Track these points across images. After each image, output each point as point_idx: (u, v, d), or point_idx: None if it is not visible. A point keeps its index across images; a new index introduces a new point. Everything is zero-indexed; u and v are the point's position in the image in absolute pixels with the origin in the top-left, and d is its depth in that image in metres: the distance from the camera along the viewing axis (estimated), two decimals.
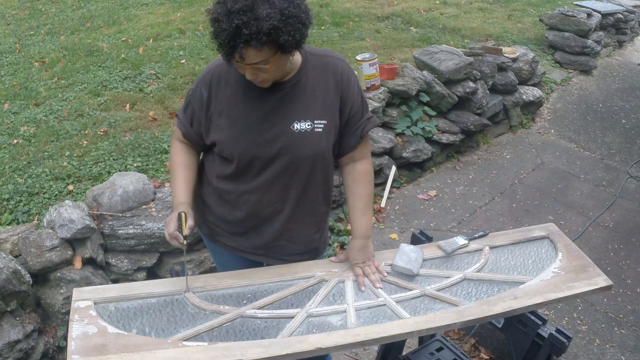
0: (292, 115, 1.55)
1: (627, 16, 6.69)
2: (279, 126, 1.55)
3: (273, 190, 1.63)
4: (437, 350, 2.08)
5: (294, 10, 1.36)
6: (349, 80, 1.60)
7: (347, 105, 1.61)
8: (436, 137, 4.13)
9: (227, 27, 1.33)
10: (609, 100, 5.49)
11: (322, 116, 1.57)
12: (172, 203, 1.70)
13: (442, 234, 3.48)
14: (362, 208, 1.71)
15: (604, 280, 1.67)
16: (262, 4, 1.33)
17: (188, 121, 1.66)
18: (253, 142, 1.56)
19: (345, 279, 1.65)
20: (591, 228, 3.65)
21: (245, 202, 1.66)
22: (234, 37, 1.33)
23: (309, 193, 1.67)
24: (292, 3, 1.37)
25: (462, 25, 5.81)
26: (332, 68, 1.59)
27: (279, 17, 1.33)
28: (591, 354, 2.73)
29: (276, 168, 1.59)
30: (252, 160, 1.58)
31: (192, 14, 5.80)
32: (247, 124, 1.56)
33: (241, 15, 1.31)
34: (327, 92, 1.58)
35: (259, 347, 1.37)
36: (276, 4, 1.34)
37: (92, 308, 1.46)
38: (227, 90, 1.57)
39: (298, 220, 1.70)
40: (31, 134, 3.49)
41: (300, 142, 1.56)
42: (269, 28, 1.32)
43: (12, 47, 5.06)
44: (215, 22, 1.37)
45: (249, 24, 1.31)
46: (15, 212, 2.77)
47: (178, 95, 4.03)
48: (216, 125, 1.59)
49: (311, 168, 1.62)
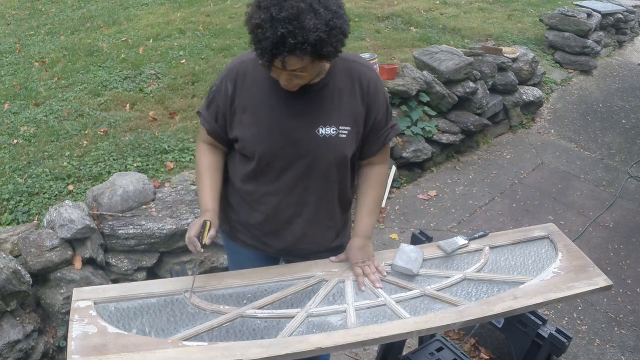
0: (317, 120, 1.55)
1: (627, 16, 6.69)
2: (303, 129, 1.55)
3: (293, 193, 1.63)
4: (437, 350, 2.08)
5: (338, 22, 1.35)
6: (375, 90, 1.60)
7: (372, 115, 1.61)
8: (436, 137, 4.13)
9: (272, 34, 1.30)
10: (609, 100, 5.49)
11: (347, 122, 1.57)
12: (200, 208, 1.68)
13: (442, 234, 3.48)
14: (369, 208, 1.71)
15: (604, 280, 1.67)
16: (307, 14, 1.31)
17: (212, 117, 1.64)
18: (276, 142, 1.56)
19: (345, 279, 1.65)
20: (591, 228, 3.65)
21: (265, 204, 1.66)
22: (277, 46, 1.31)
23: (328, 197, 1.68)
24: (337, 14, 1.36)
25: (462, 25, 5.81)
26: (359, 76, 1.58)
27: (324, 28, 1.32)
28: (591, 354, 2.73)
29: (297, 170, 1.59)
30: (273, 160, 1.58)
31: (192, 14, 5.80)
32: (271, 124, 1.55)
33: (287, 24, 1.29)
34: (353, 99, 1.57)
35: (259, 347, 1.37)
36: (322, 14, 1.32)
37: (92, 308, 1.46)
38: (252, 88, 1.56)
39: (317, 224, 1.70)
40: (31, 134, 3.49)
41: (324, 147, 1.56)
42: (315, 39, 1.31)
43: (12, 47, 5.06)
44: (257, 28, 1.33)
45: (295, 33, 1.30)
46: (15, 212, 2.77)
47: (178, 95, 4.03)
48: (239, 121, 1.59)
49: (332, 172, 1.62)
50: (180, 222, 2.70)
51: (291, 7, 1.30)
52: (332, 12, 1.34)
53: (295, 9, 1.30)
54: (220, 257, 2.88)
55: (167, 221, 2.69)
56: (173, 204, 2.79)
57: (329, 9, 1.34)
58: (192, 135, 3.46)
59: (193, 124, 3.62)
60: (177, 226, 2.69)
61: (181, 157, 3.25)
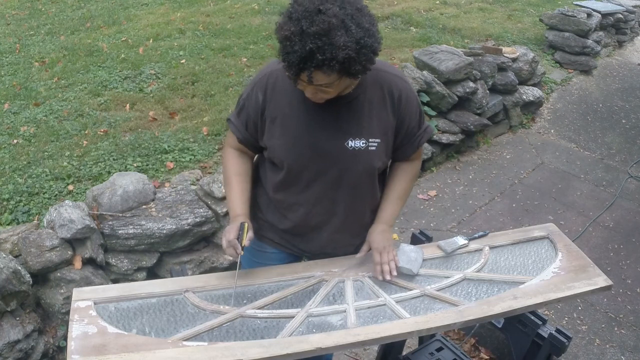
0: (347, 132, 1.53)
1: (627, 16, 6.69)
2: (332, 142, 1.54)
3: (322, 203, 1.64)
4: (437, 350, 2.08)
5: (369, 41, 1.32)
6: (407, 101, 1.57)
7: (404, 125, 1.60)
8: (436, 137, 4.12)
9: (300, 49, 1.28)
10: (609, 100, 5.49)
11: (377, 135, 1.56)
12: (230, 214, 1.69)
13: (442, 234, 3.48)
14: (394, 198, 1.72)
15: (603, 280, 1.67)
16: (338, 30, 1.27)
17: (243, 125, 1.63)
18: (305, 154, 1.55)
19: (345, 279, 1.65)
20: (591, 228, 3.65)
21: (294, 212, 1.67)
22: (305, 60, 1.29)
23: (357, 207, 1.69)
24: (368, 32, 1.32)
25: (462, 25, 5.81)
26: (389, 87, 1.55)
27: (354, 46, 1.29)
28: (591, 354, 2.73)
29: (326, 182, 1.59)
30: (301, 170, 1.58)
31: (192, 14, 5.80)
32: (300, 136, 1.54)
33: (316, 40, 1.27)
34: (383, 111, 1.55)
35: (259, 347, 1.37)
36: (353, 31, 1.29)
37: (92, 308, 1.46)
38: (282, 98, 1.54)
39: (345, 231, 1.72)
40: (31, 134, 3.49)
41: (353, 159, 1.55)
42: (344, 57, 1.28)
43: (12, 47, 5.06)
44: (286, 40, 1.31)
45: (323, 49, 1.27)
46: (15, 212, 2.77)
47: (178, 95, 4.03)
48: (269, 130, 1.58)
49: (361, 183, 1.63)
50: (180, 222, 2.70)
51: (322, 22, 1.27)
52: (364, 29, 1.31)
53: (327, 24, 1.27)
54: (220, 257, 2.88)
55: (167, 221, 2.69)
56: (173, 204, 2.80)
57: (361, 26, 1.31)
58: (192, 135, 3.46)
59: (193, 124, 3.62)
60: (177, 226, 2.69)
61: (181, 157, 3.25)
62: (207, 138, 3.45)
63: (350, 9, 1.31)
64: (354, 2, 1.34)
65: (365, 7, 1.37)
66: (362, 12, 1.34)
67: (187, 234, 2.74)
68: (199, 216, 2.75)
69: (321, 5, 1.29)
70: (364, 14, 1.34)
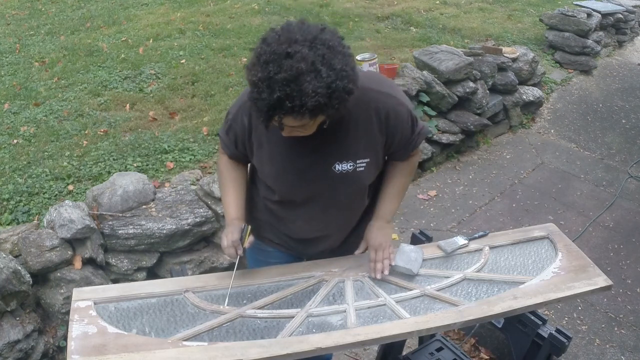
0: (333, 156, 1.50)
1: (627, 16, 6.68)
2: (319, 166, 1.52)
3: (317, 220, 1.64)
4: (437, 350, 2.08)
5: (340, 84, 1.25)
6: (396, 118, 1.51)
7: (395, 139, 1.56)
8: (436, 137, 4.12)
9: (268, 96, 1.22)
10: (609, 100, 5.49)
11: (365, 155, 1.52)
12: (225, 219, 1.69)
13: (442, 234, 3.47)
14: (392, 193, 1.70)
15: (603, 280, 1.67)
16: (307, 75, 1.21)
17: (232, 143, 1.62)
18: (293, 181, 1.55)
19: (345, 278, 1.65)
20: (591, 228, 3.65)
21: (291, 224, 1.68)
22: (274, 108, 1.24)
23: (353, 219, 1.70)
24: (340, 73, 1.25)
25: (462, 25, 5.81)
26: (376, 106, 1.48)
27: (325, 91, 1.22)
28: (591, 354, 2.73)
29: (318, 203, 1.59)
30: (292, 195, 1.59)
31: (192, 14, 5.80)
32: (288, 162, 1.53)
33: (284, 87, 1.20)
34: (370, 130, 1.50)
35: (259, 347, 1.37)
36: (323, 76, 1.22)
37: (92, 308, 1.46)
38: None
39: (345, 241, 1.74)
40: (31, 134, 3.49)
41: (342, 182, 1.54)
42: (314, 105, 1.22)
43: (12, 47, 5.06)
44: (254, 86, 1.25)
45: (292, 96, 1.21)
46: (15, 212, 2.77)
47: (178, 95, 4.03)
48: (257, 154, 1.57)
49: (354, 201, 1.63)
50: (180, 222, 2.70)
51: (290, 68, 1.20)
52: (335, 71, 1.24)
53: (295, 70, 1.20)
54: (220, 257, 2.88)
55: (167, 221, 2.69)
56: (173, 204, 2.80)
57: (332, 67, 1.24)
58: (192, 135, 3.46)
59: (193, 124, 3.62)
60: (177, 226, 2.69)
61: (181, 157, 3.25)
62: (207, 138, 3.45)
63: (322, 48, 1.24)
64: (327, 39, 1.26)
65: (339, 43, 1.30)
66: (334, 51, 1.26)
67: (187, 234, 2.74)
68: (199, 216, 2.75)
69: (289, 48, 1.22)
70: (337, 53, 1.26)
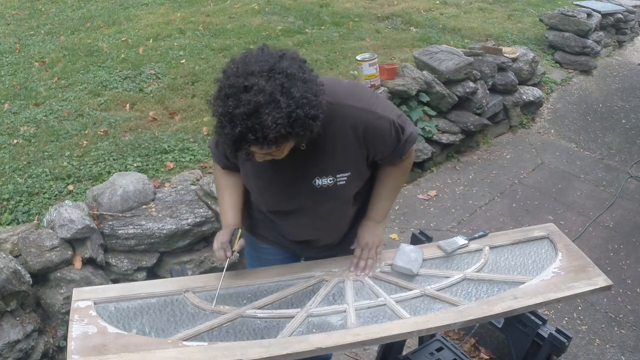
0: (313, 172, 1.51)
1: (627, 16, 6.68)
2: (300, 182, 1.53)
3: (305, 227, 1.67)
4: (437, 350, 2.08)
5: (301, 112, 1.24)
6: (375, 132, 1.49)
7: (379, 151, 1.55)
8: (436, 137, 4.12)
9: (230, 130, 1.23)
10: (609, 100, 5.49)
11: (345, 169, 1.52)
12: (222, 224, 1.70)
13: (442, 234, 3.47)
14: (383, 195, 1.71)
15: (603, 280, 1.67)
16: (266, 107, 1.21)
17: (222, 156, 1.64)
18: (277, 194, 1.57)
19: (345, 279, 1.65)
20: (591, 228, 3.65)
21: (283, 228, 1.71)
22: (238, 141, 1.25)
23: (343, 224, 1.72)
24: (300, 101, 1.24)
25: (462, 25, 5.81)
26: (351, 122, 1.46)
27: (286, 122, 1.22)
28: (591, 354, 2.73)
29: (304, 214, 1.61)
30: (279, 207, 1.62)
31: (192, 14, 5.80)
32: (271, 178, 1.54)
33: (245, 121, 1.21)
34: (348, 145, 1.49)
35: (259, 347, 1.37)
36: (282, 106, 1.22)
37: (92, 308, 1.46)
38: None
39: (342, 241, 1.76)
40: (31, 134, 3.49)
41: (324, 195, 1.55)
42: (275, 136, 1.23)
43: (12, 47, 5.06)
44: (217, 120, 1.27)
45: (254, 129, 1.22)
46: (15, 212, 2.77)
47: (178, 95, 4.03)
48: (243, 168, 1.59)
49: (338, 210, 1.65)
50: (180, 222, 2.70)
51: (248, 102, 1.20)
52: (295, 100, 1.23)
53: (253, 103, 1.20)
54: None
55: (167, 221, 2.69)
56: (173, 204, 2.79)
57: (292, 96, 1.23)
58: (192, 135, 3.46)
59: (193, 124, 3.62)
60: (177, 226, 2.69)
61: (181, 157, 3.25)
62: (207, 138, 3.45)
63: (280, 78, 1.23)
64: (285, 67, 1.25)
65: (299, 69, 1.28)
66: (293, 79, 1.25)
67: (187, 234, 2.74)
68: (199, 216, 2.75)
69: (246, 81, 1.22)
70: (296, 80, 1.25)
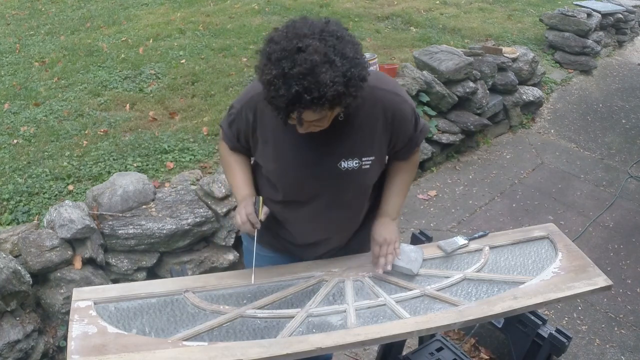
0: (339, 153, 1.50)
1: (627, 16, 6.68)
2: (325, 164, 1.51)
3: (319, 221, 1.63)
4: (437, 350, 2.08)
5: (355, 71, 1.25)
6: (401, 117, 1.52)
7: (400, 139, 1.57)
8: (436, 137, 4.12)
9: (285, 92, 1.22)
10: (609, 100, 5.49)
11: (370, 153, 1.52)
12: (236, 198, 1.66)
13: (442, 234, 3.47)
14: (395, 191, 1.70)
15: (603, 280, 1.67)
16: (322, 66, 1.21)
17: (235, 137, 1.62)
18: (298, 178, 1.54)
19: (345, 278, 1.64)
20: (591, 228, 3.65)
21: (293, 225, 1.67)
22: (292, 103, 1.23)
23: (356, 220, 1.70)
24: (354, 61, 1.26)
25: (462, 25, 5.81)
26: (382, 105, 1.48)
27: (342, 80, 1.23)
28: (591, 354, 2.73)
29: (322, 202, 1.58)
30: (297, 194, 1.58)
31: (192, 14, 5.80)
32: (293, 160, 1.52)
33: (301, 80, 1.20)
34: (375, 128, 1.50)
35: (259, 347, 1.37)
36: (338, 65, 1.23)
37: (92, 308, 1.46)
38: (272, 120, 1.46)
39: (346, 242, 1.73)
40: (31, 134, 3.49)
41: (347, 179, 1.53)
42: (333, 94, 1.22)
43: (12, 47, 5.06)
44: (269, 84, 1.24)
45: (310, 89, 1.21)
46: (15, 212, 2.77)
47: (178, 95, 4.03)
48: (262, 150, 1.56)
49: (356, 201, 1.63)
50: (180, 222, 2.70)
51: (304, 61, 1.20)
52: (349, 60, 1.25)
53: (309, 62, 1.20)
54: (220, 257, 2.88)
55: (167, 221, 2.69)
56: (173, 204, 2.80)
57: (345, 57, 1.25)
58: (192, 135, 3.46)
59: (193, 124, 3.62)
60: (177, 226, 2.69)
61: (181, 157, 3.25)
62: (207, 138, 3.45)
63: (331, 40, 1.24)
64: (334, 30, 1.27)
65: (347, 33, 1.30)
66: (344, 41, 1.27)
67: (187, 234, 2.74)
68: (199, 216, 2.75)
69: (300, 43, 1.22)
70: (347, 42, 1.27)
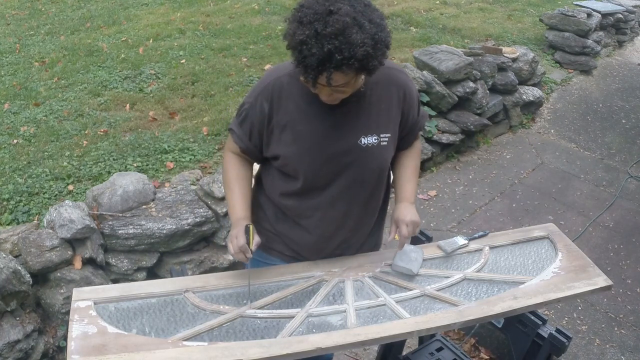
0: (359, 130, 1.54)
1: (627, 16, 6.69)
2: (345, 141, 1.54)
3: (336, 206, 1.62)
4: (437, 350, 2.08)
5: (382, 35, 1.34)
6: (411, 96, 1.62)
7: (409, 118, 1.65)
8: (436, 137, 4.12)
9: (318, 51, 1.28)
10: (609, 100, 5.49)
11: (387, 129, 1.58)
12: (231, 218, 1.67)
13: (442, 234, 3.47)
14: (408, 176, 1.73)
15: (603, 280, 1.67)
16: (353, 28, 1.29)
17: (246, 135, 1.61)
18: (319, 158, 1.54)
19: (345, 278, 1.64)
20: (591, 228, 3.65)
21: (308, 218, 1.64)
22: (324, 62, 1.29)
23: (371, 206, 1.70)
24: (380, 26, 1.34)
25: (462, 25, 5.81)
26: (396, 82, 1.58)
27: (371, 42, 1.30)
28: (591, 354, 2.73)
29: (341, 183, 1.58)
30: (317, 176, 1.57)
31: (192, 14, 5.80)
32: (313, 140, 1.53)
33: (333, 40, 1.27)
34: (391, 105, 1.58)
35: (259, 347, 1.37)
36: (367, 28, 1.31)
37: (92, 308, 1.46)
38: (289, 104, 1.52)
39: (359, 231, 1.72)
40: (31, 134, 3.50)
41: (367, 156, 1.56)
42: (363, 54, 1.30)
43: (12, 47, 5.06)
44: (302, 44, 1.30)
45: (341, 49, 1.28)
46: (15, 212, 2.77)
47: (178, 95, 4.03)
48: (278, 139, 1.56)
49: (375, 181, 1.63)
50: (180, 222, 2.70)
51: (336, 22, 1.28)
52: (376, 25, 1.33)
53: (341, 23, 1.28)
54: (220, 257, 2.88)
55: (167, 221, 2.69)
56: (173, 204, 2.80)
57: (373, 21, 1.33)
58: (192, 135, 3.46)
59: (193, 124, 3.62)
60: (177, 226, 2.69)
61: (181, 157, 3.25)
62: (207, 138, 3.45)
63: (359, 6, 1.33)
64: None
65: (371, 2, 1.39)
66: (370, 8, 1.36)
67: (187, 234, 2.74)
68: (199, 216, 2.76)
69: (331, 6, 1.30)
70: (373, 9, 1.36)
